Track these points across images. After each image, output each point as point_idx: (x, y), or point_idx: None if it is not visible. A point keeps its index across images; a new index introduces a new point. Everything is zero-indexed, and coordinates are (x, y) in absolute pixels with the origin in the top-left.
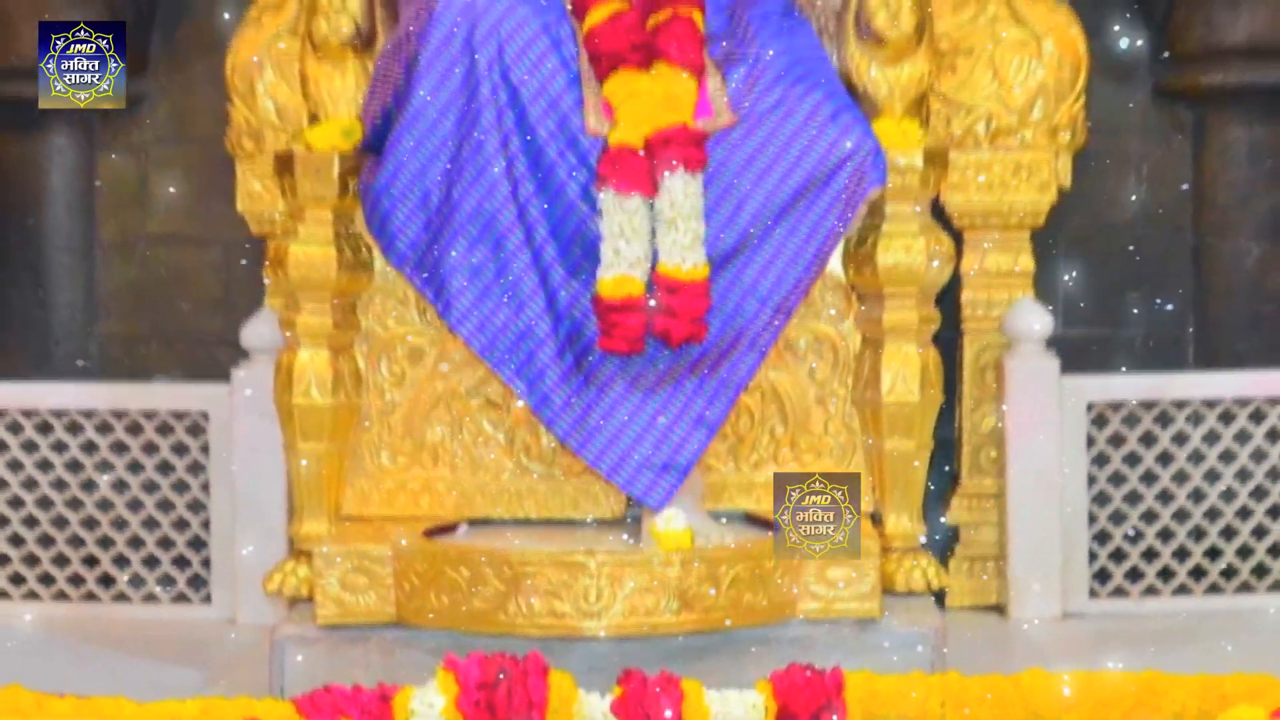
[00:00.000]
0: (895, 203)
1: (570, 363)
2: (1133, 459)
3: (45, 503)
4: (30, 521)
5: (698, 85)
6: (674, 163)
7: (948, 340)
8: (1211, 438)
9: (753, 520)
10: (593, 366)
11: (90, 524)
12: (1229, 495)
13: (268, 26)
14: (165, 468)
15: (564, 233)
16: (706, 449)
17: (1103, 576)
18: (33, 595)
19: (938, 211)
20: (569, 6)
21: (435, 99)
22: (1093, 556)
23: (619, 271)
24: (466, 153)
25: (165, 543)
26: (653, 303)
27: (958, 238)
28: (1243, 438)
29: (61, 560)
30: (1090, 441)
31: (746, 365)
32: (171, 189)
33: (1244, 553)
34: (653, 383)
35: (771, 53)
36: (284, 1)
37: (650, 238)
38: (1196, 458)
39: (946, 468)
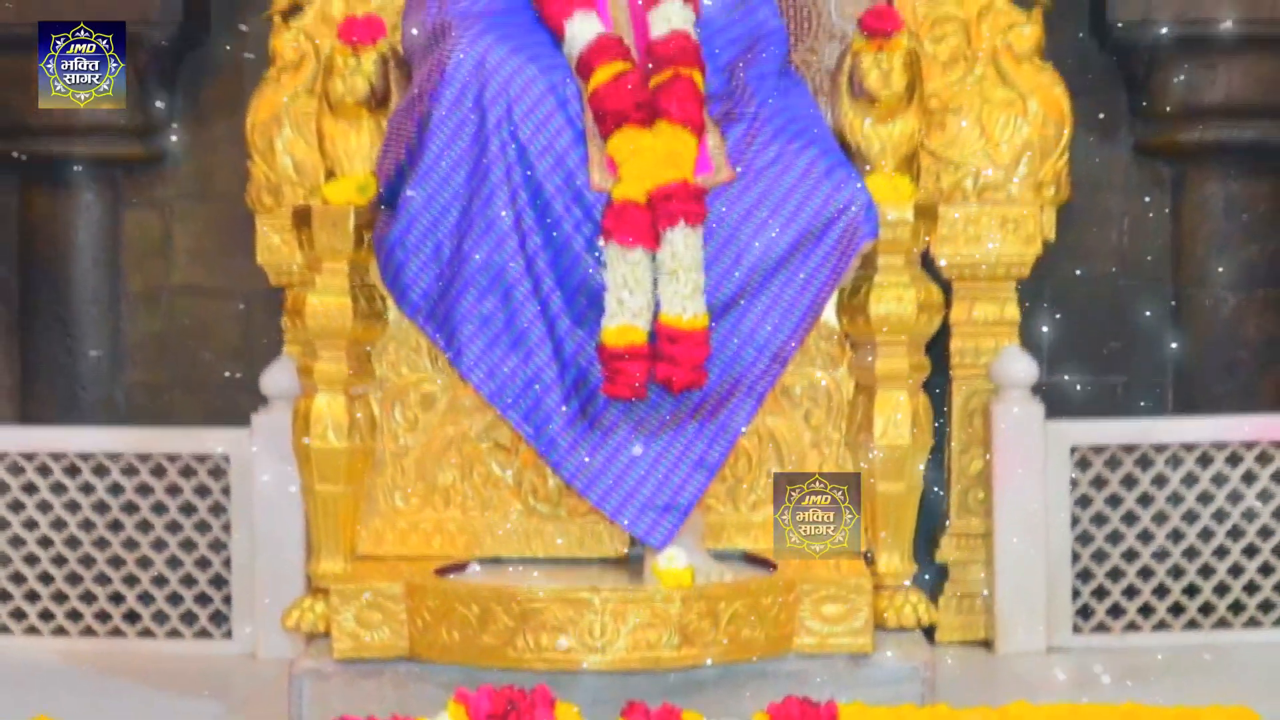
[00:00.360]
0: (887, 255)
1: (576, 408)
2: (1114, 500)
3: (73, 542)
4: (59, 560)
5: (698, 142)
6: (675, 217)
7: (937, 386)
8: (1190, 480)
9: (751, 559)
10: (597, 412)
11: (116, 562)
12: (1206, 535)
13: (286, 87)
14: (188, 509)
15: (570, 283)
16: (706, 490)
17: (1086, 612)
18: (61, 631)
19: (928, 263)
20: (574, 66)
21: (447, 155)
22: (1076, 593)
23: (622, 321)
24: (476, 207)
25: (188, 580)
26: (654, 351)
27: (947, 288)
28: (1220, 480)
29: (88, 597)
30: (1074, 483)
31: (745, 410)
32: (194, 242)
33: (1221, 590)
34: (655, 427)
35: (769, 111)
36: (301, 63)
37: (652, 288)
38: (1175, 499)
39: (939, 491)
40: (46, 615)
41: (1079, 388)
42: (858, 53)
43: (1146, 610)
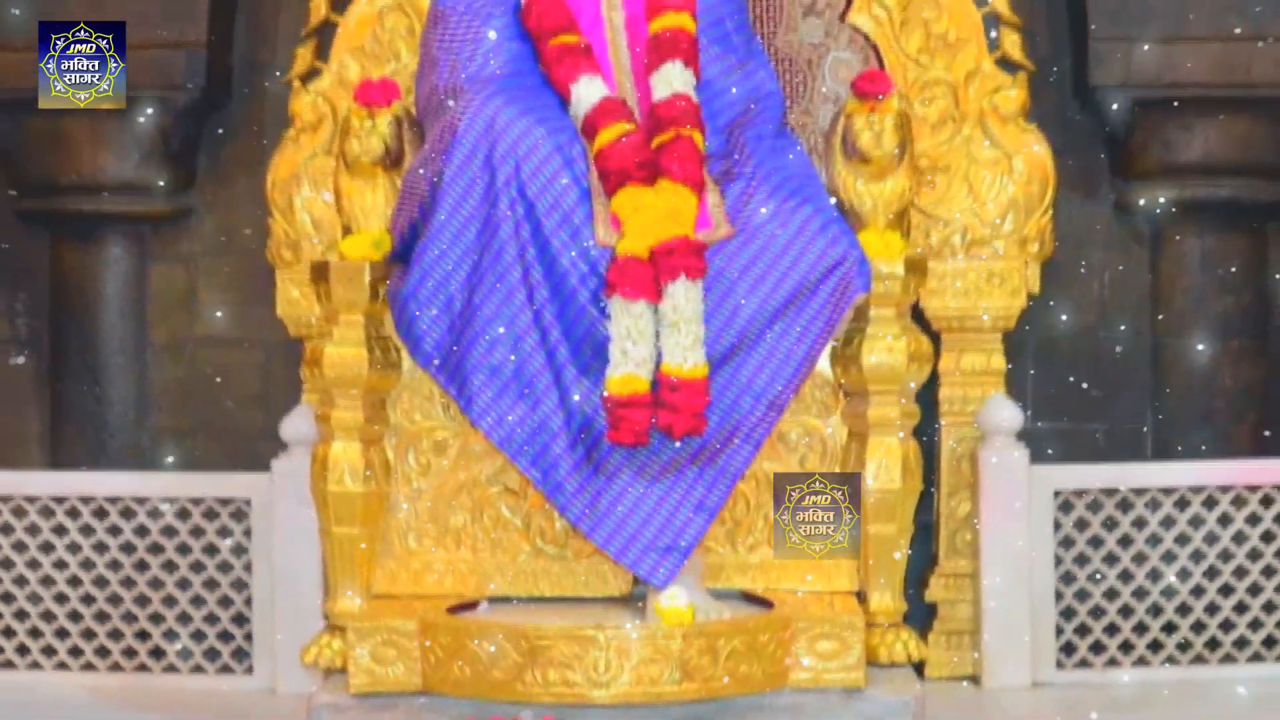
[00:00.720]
0: (879, 307)
1: (582, 454)
2: (1096, 542)
3: (101, 581)
4: (87, 599)
5: (698, 200)
6: (676, 271)
7: (927, 433)
8: (1168, 522)
9: (748, 598)
10: (602, 457)
11: (142, 601)
12: (1184, 575)
13: (305, 147)
14: (211, 550)
15: (576, 335)
16: (706, 532)
17: (1069, 649)
18: (89, 666)
19: (918, 315)
20: (580, 127)
21: (458, 212)
22: (1060, 631)
23: (626, 370)
24: (487, 262)
25: (211, 618)
26: (657, 399)
27: (936, 339)
28: (1196, 522)
29: (116, 634)
30: (1057, 526)
31: (743, 456)
32: (217, 295)
33: (1198, 628)
34: (657, 472)
35: (766, 170)
36: (319, 124)
37: (654, 340)
38: (1154, 541)
39: (928, 533)
40: (75, 651)
41: (1062, 434)
42: (851, 114)
43: (1127, 647)
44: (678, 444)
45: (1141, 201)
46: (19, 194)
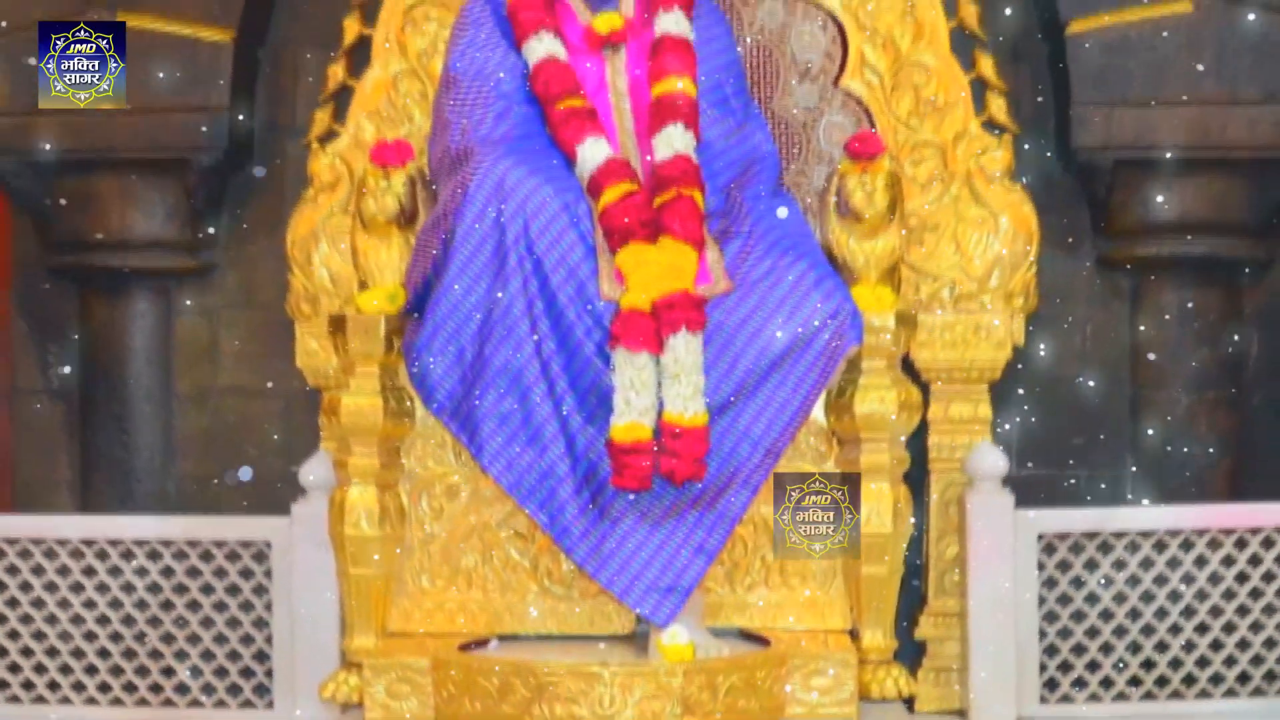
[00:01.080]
0: (870, 359)
1: (587, 498)
2: (1078, 582)
3: (128, 620)
4: (115, 637)
5: (698, 256)
6: (678, 324)
7: (916, 478)
8: (1147, 564)
9: (746, 636)
10: (607, 501)
11: (168, 639)
12: (1161, 614)
13: (323, 205)
14: (233, 590)
15: (582, 385)
16: (706, 573)
17: (1052, 685)
18: (117, 702)
19: (908, 366)
20: (585, 187)
21: (469, 268)
22: (1043, 667)
23: (630, 419)
24: (496, 315)
25: (234, 655)
26: (659, 446)
27: (925, 389)
28: (1174, 564)
29: (143, 670)
30: (1041, 567)
31: (741, 500)
32: (239, 347)
33: (1175, 664)
34: (659, 516)
35: (763, 228)
36: (337, 183)
37: (657, 389)
38: (1134, 581)
39: (918, 573)
40: (104, 687)
41: (1046, 480)
42: (844, 175)
43: (1107, 683)
44: (679, 489)
45: (1121, 257)
46: (50, 251)
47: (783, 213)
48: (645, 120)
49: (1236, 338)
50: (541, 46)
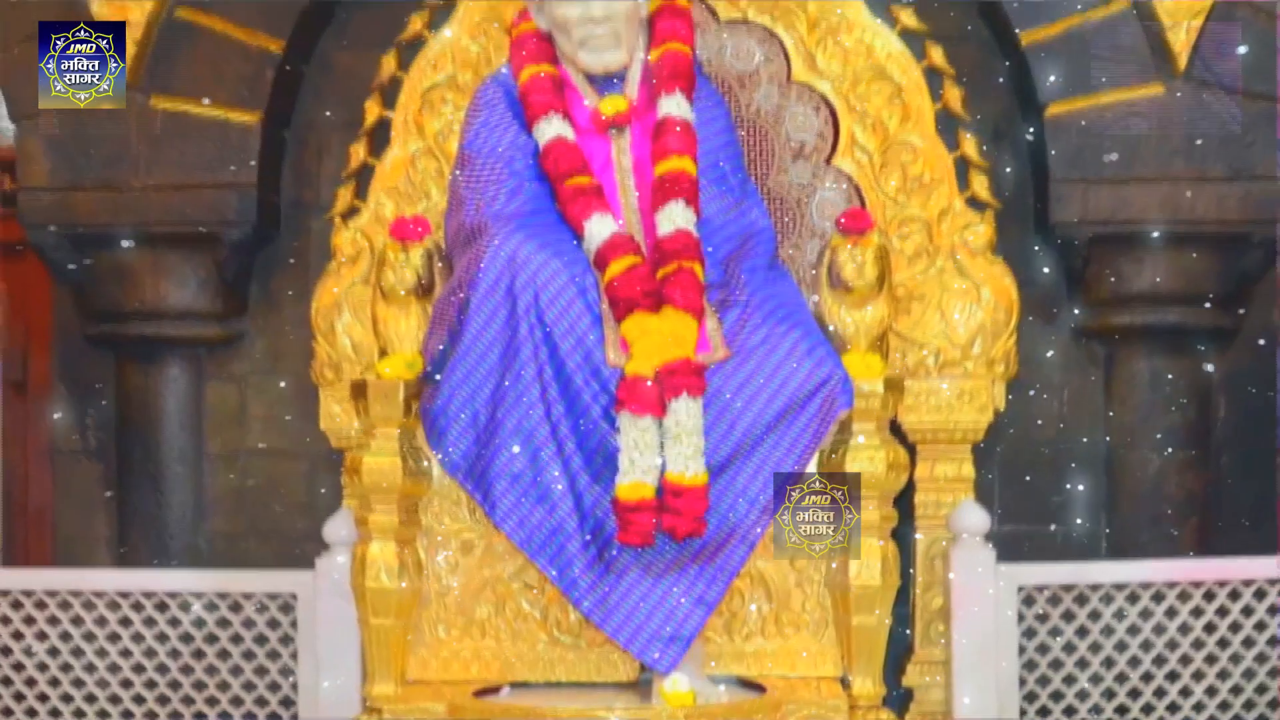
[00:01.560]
0: (860, 422)
1: (594, 553)
2: (1055, 632)
3: (162, 668)
4: (150, 683)
5: (699, 325)
6: (679, 389)
7: (904, 534)
8: (1120, 615)
9: (743, 683)
10: (612, 556)
11: (199, 685)
12: (1135, 662)
13: (345, 277)
14: (261, 639)
15: (589, 446)
16: (706, 624)
17: None
18: None
19: (895, 428)
20: (592, 260)
21: (483, 336)
22: (1023, 712)
23: (634, 478)
24: (509, 380)
25: (261, 701)
26: (661, 504)
27: (912, 450)
28: (1146, 615)
29: (176, 716)
30: (1021, 617)
31: (738, 555)
32: (266, 411)
33: (1147, 709)
34: (662, 569)
35: (759, 299)
36: (358, 257)
37: (659, 451)
38: (1108, 631)
39: (905, 624)
40: None
41: (1025, 535)
42: (835, 248)
43: None
44: (680, 545)
45: (1097, 326)
46: (88, 319)
47: (778, 284)
48: (649, 197)
49: (1205, 401)
50: (551, 128)
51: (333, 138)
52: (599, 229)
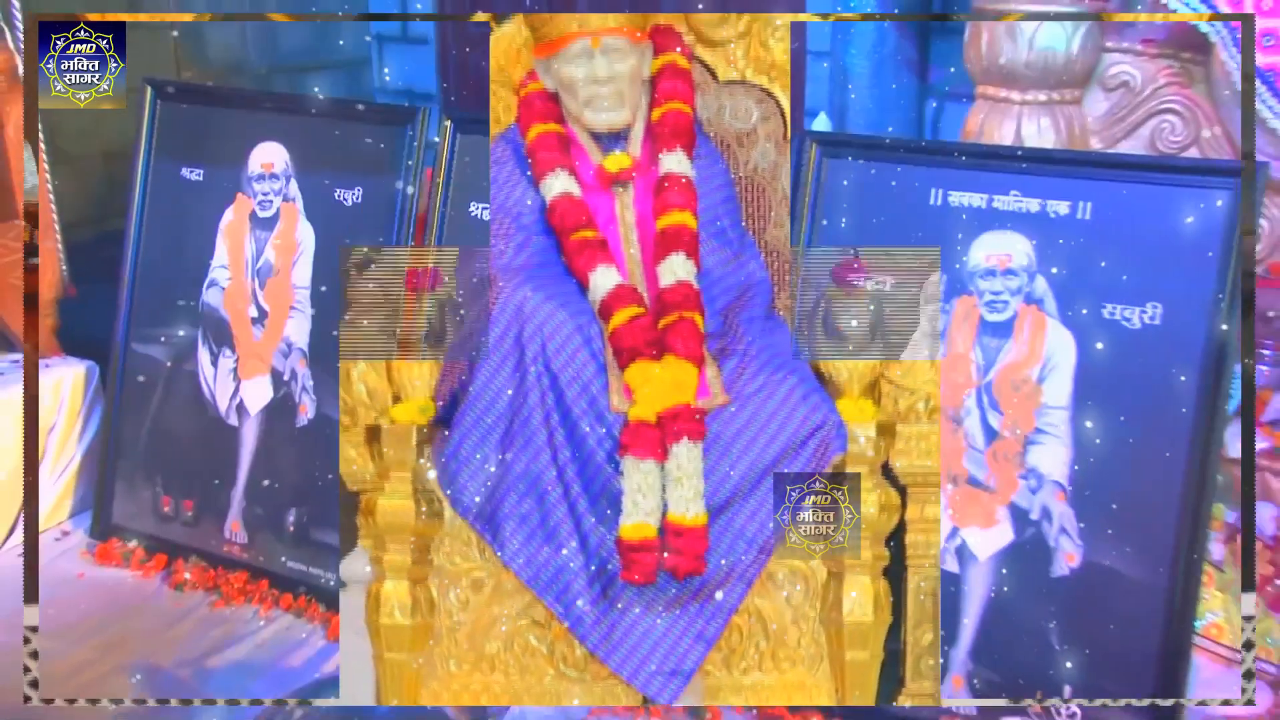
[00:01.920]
0: (853, 465)
1: (598, 591)
2: None
3: None
4: None
5: (699, 373)
6: (680, 434)
7: (895, 573)
8: None
9: None
10: (616, 594)
11: None
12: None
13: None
14: None
15: (594, 489)
16: (705, 658)
17: None
18: None
19: (887, 471)
20: (597, 310)
21: (492, 383)
22: None
23: (637, 519)
24: (517, 426)
25: None
26: (663, 544)
27: (903, 492)
28: None
29: None
30: None
31: (737, 593)
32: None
33: None
34: (663, 607)
35: (756, 348)
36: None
37: (661, 493)
38: None
39: (896, 659)
40: None
41: None
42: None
43: None
44: (681, 583)
45: None
46: None
47: (775, 334)
48: (651, 250)
49: None
50: (557, 184)
51: None
52: (603, 280)
